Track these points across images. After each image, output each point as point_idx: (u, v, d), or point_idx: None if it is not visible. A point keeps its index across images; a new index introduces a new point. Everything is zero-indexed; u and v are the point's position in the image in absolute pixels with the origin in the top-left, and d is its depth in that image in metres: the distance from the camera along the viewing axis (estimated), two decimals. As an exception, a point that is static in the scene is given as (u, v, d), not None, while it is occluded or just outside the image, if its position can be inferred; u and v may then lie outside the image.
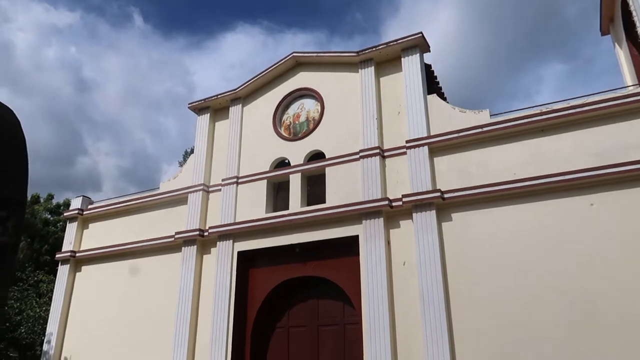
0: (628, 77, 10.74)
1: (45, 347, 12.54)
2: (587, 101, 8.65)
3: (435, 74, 11.17)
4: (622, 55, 11.21)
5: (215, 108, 12.97)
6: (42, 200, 22.46)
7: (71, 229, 13.72)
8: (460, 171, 9.28)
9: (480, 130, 9.22)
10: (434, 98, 10.10)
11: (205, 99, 12.86)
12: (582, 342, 7.46)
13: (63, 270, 13.21)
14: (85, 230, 13.73)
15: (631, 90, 8.57)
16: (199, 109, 13.07)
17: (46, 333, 12.74)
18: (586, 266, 7.81)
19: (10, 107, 4.16)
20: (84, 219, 13.76)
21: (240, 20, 60.26)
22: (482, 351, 8.05)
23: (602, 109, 8.41)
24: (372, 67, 10.81)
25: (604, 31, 12.47)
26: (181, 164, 22.68)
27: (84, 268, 13.16)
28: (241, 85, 12.41)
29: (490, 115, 9.42)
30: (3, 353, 16.75)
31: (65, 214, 14.43)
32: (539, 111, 8.96)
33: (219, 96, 12.68)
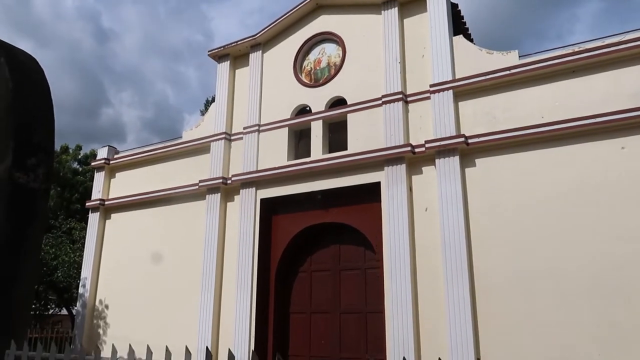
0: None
1: (80, 290, 13.17)
2: (623, 39, 8.17)
3: (462, 14, 10.67)
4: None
5: (235, 55, 12.77)
6: (70, 150, 22.97)
7: (99, 178, 14.06)
8: (485, 115, 9.02)
9: (508, 72, 8.86)
10: (460, 39, 9.70)
11: (225, 45, 12.65)
12: (608, 285, 7.40)
13: (93, 218, 13.65)
14: (112, 180, 14.05)
15: (673, 26, 8.04)
16: (218, 56, 12.90)
17: (81, 277, 13.34)
18: (615, 212, 7.63)
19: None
20: (111, 168, 14.05)
21: (260, -35, 58.20)
22: (502, 292, 8.09)
23: (638, 47, 7.95)
24: (396, 8, 10.38)
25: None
26: (203, 113, 22.70)
27: (113, 215, 13.56)
28: (261, 31, 12.14)
29: (519, 57, 9.03)
30: (43, 295, 17.70)
31: (92, 164, 14.76)
32: (571, 51, 8.53)
33: (238, 42, 12.45)
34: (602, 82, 8.21)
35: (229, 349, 3.52)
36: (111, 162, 13.95)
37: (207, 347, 3.55)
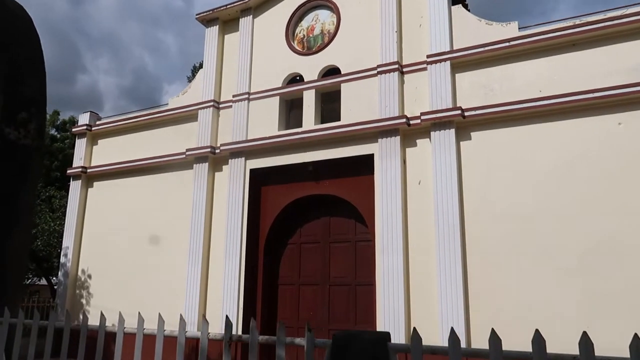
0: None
1: (62, 259, 12.86)
2: (625, 12, 8.05)
3: (460, -16, 10.39)
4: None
5: (225, 19, 12.31)
6: (47, 116, 22.20)
7: (80, 145, 13.60)
8: (482, 88, 8.88)
9: (507, 44, 8.69)
10: (458, 9, 9.46)
11: (214, 9, 12.17)
12: (601, 258, 7.46)
13: (75, 186, 13.25)
14: (94, 147, 13.61)
15: (675, 1, 7.94)
16: (207, 20, 12.42)
17: (62, 247, 13.02)
18: (611, 187, 7.63)
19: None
20: (93, 135, 13.59)
21: None
22: (494, 265, 8.11)
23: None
24: (393, -25, 10.04)
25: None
26: (190, 80, 22.09)
27: (95, 184, 13.18)
28: (252, -5, 11.68)
29: (519, 28, 8.85)
30: (21, 265, 17.24)
31: (73, 130, 14.25)
32: (572, 24, 8.38)
33: (228, 6, 11.98)
34: (601, 57, 8.11)
35: (227, 316, 3.38)
36: (93, 128, 13.48)
37: (226, 316, 3.40)
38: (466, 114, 8.69)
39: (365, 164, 9.54)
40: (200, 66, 13.55)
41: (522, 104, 8.36)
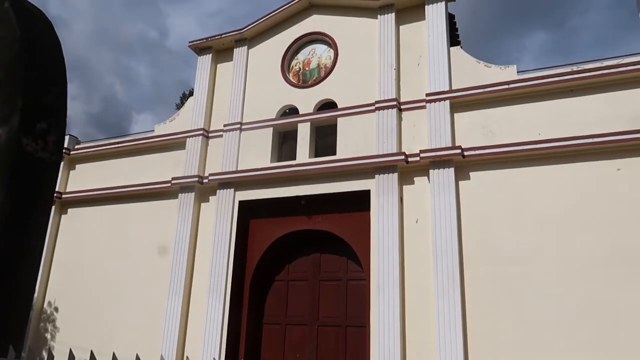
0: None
1: (27, 289, 11.96)
2: (621, 62, 8.26)
3: (457, 26, 10.60)
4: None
5: (218, 49, 12.15)
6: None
7: (57, 168, 12.94)
8: (482, 128, 8.88)
9: (506, 86, 8.78)
10: (457, 50, 9.57)
11: (208, 38, 12.01)
12: (601, 305, 7.32)
13: (48, 212, 12.50)
14: (72, 171, 12.99)
15: (668, 54, 8.20)
16: (199, 48, 12.23)
17: (29, 275, 12.13)
18: (608, 233, 7.60)
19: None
20: (71, 159, 12.99)
21: (224, -31, 57.33)
22: (494, 309, 7.88)
23: (637, 71, 8.04)
24: (393, 14, 10.15)
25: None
26: (178, 107, 21.69)
27: (70, 210, 12.50)
28: (248, 26, 11.60)
29: (517, 72, 8.97)
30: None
31: (49, 153, 13.60)
32: (569, 70, 8.55)
33: (222, 36, 11.86)
34: (599, 103, 8.25)
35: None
36: (71, 152, 12.90)
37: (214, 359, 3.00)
38: (465, 153, 8.64)
39: (360, 200, 9.31)
40: (190, 94, 13.28)
41: (521, 145, 8.36)
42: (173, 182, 10.94)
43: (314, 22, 11.12)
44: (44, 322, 11.74)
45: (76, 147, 12.99)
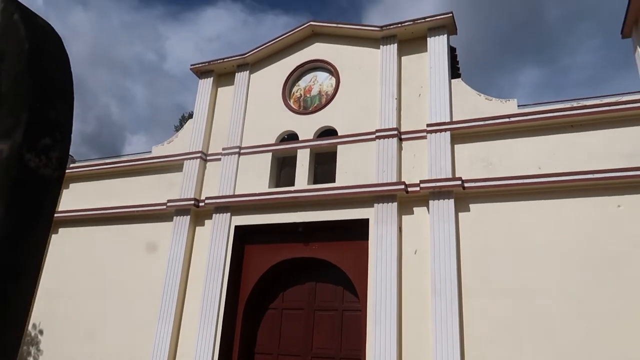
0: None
1: (12, 310, 11.62)
2: (620, 99, 8.34)
3: (457, 59, 10.72)
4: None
5: (220, 73, 12.20)
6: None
7: (50, 187, 12.76)
8: (482, 161, 8.87)
9: (507, 120, 8.81)
10: (459, 82, 9.64)
11: (210, 61, 12.07)
12: (601, 340, 7.18)
13: (38, 231, 12.26)
14: (64, 190, 12.80)
15: (667, 93, 8.30)
16: (201, 72, 12.27)
17: (14, 296, 11.81)
18: (609, 269, 7.52)
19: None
20: (65, 178, 12.80)
21: (223, -5, 58.37)
22: (493, 343, 7.70)
23: (636, 109, 8.11)
24: (395, 45, 10.25)
25: (626, 34, 12.25)
26: (177, 129, 21.66)
27: (61, 230, 12.26)
28: (250, 51, 11.68)
29: (518, 106, 9.02)
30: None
31: (44, 171, 13.44)
32: (569, 106, 8.61)
33: (224, 60, 11.92)
34: (599, 139, 8.28)
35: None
36: (66, 171, 12.72)
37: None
38: (466, 185, 8.59)
39: (359, 229, 9.20)
40: (190, 116, 13.26)
41: (522, 179, 8.34)
42: (169, 204, 10.79)
43: (317, 50, 11.22)
44: (27, 346, 11.36)
45: (71, 165, 12.85)
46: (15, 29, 3.08)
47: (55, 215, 12.03)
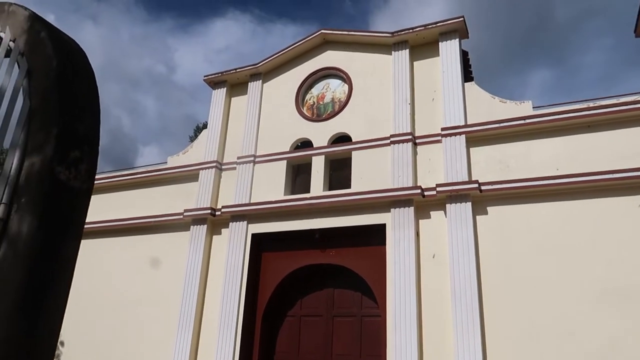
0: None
1: (34, 322, 11.78)
2: (637, 99, 8.24)
3: (470, 62, 10.70)
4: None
5: (233, 83, 12.31)
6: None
7: (69, 200, 12.94)
8: (498, 163, 8.82)
9: (522, 122, 8.76)
10: (472, 86, 9.62)
11: (223, 72, 12.19)
12: (619, 343, 7.06)
13: (58, 243, 12.43)
14: (83, 203, 12.95)
15: (685, 90, 8.19)
16: (214, 82, 12.40)
17: (36, 308, 11.97)
18: (630, 270, 7.40)
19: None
20: (83, 191, 12.98)
21: (231, 7, 59.07)
22: (514, 346, 7.61)
23: (655, 108, 8.01)
24: (407, 50, 10.27)
25: (638, 33, 12.15)
26: (192, 139, 21.87)
27: (80, 242, 12.39)
28: (262, 61, 11.78)
29: (533, 108, 8.97)
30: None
31: (62, 184, 13.65)
32: (586, 106, 8.53)
33: (237, 70, 12.03)
34: (617, 139, 8.18)
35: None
36: (94, 182, 12.90)
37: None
38: (483, 188, 8.55)
39: (376, 234, 9.19)
40: (204, 127, 13.39)
41: (539, 181, 8.27)
42: (185, 214, 10.88)
43: (328, 58, 11.28)
44: (49, 357, 11.48)
45: (89, 178, 13.01)
46: (43, 47, 3.17)
47: (75, 227, 12.19)
